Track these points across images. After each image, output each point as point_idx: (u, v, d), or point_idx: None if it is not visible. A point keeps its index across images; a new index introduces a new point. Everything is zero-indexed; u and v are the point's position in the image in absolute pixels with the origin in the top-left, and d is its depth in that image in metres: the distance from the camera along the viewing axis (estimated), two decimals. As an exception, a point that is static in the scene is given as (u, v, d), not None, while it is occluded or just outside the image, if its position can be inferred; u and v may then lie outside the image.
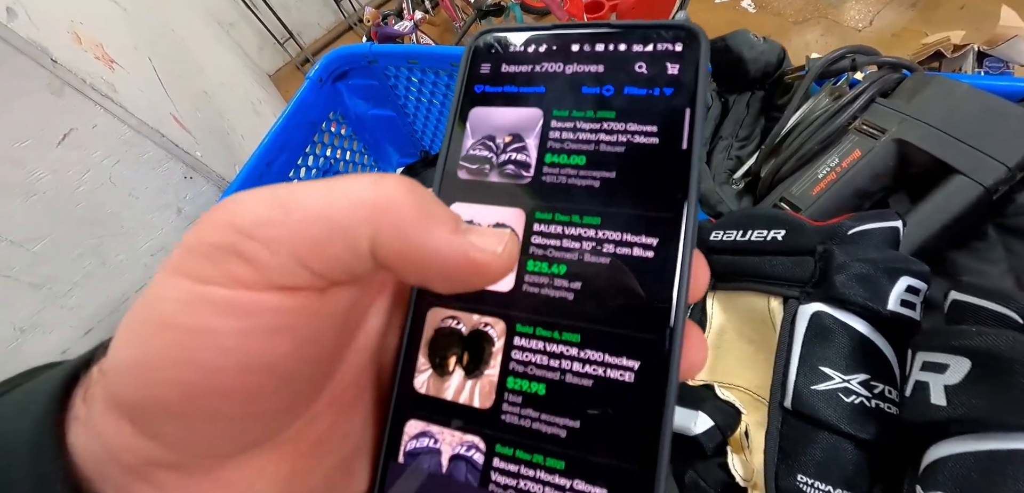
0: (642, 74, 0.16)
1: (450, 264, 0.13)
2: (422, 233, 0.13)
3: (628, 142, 0.16)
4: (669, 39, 0.16)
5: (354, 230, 0.13)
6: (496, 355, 0.16)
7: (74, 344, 0.71)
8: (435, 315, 0.17)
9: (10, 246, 0.60)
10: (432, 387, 0.16)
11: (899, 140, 0.39)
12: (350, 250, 0.13)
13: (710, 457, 0.33)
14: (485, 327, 0.16)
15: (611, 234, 0.15)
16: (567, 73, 0.17)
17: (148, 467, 0.13)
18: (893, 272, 0.29)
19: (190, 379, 0.12)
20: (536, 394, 0.15)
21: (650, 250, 0.15)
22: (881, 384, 0.29)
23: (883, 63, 0.41)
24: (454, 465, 0.16)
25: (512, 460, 0.15)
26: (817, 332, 0.30)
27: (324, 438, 0.16)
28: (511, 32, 0.18)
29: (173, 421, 0.12)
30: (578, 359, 0.15)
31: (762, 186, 0.44)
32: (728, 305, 0.36)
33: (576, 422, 0.15)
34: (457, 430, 0.16)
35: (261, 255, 0.12)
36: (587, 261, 0.15)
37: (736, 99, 0.48)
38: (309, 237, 0.12)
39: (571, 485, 0.14)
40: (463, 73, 0.18)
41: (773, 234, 0.32)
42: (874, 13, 1.25)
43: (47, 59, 0.53)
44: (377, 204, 0.13)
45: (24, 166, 0.56)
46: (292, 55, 1.72)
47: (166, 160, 0.67)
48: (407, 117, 0.81)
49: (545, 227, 0.16)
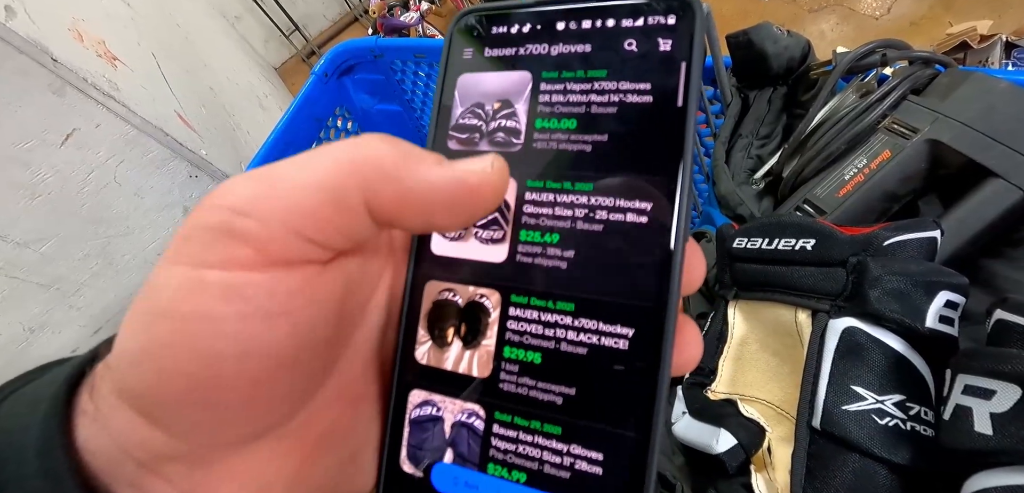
0: (632, 50, 0.16)
1: (448, 193, 0.13)
2: (413, 172, 0.13)
3: (620, 103, 0.16)
4: (662, 11, 0.15)
5: (343, 187, 0.13)
6: (492, 325, 0.16)
7: (83, 343, 0.71)
8: (432, 288, 0.17)
9: (17, 247, 0.59)
10: (432, 358, 0.17)
11: (932, 140, 0.37)
12: (342, 209, 0.13)
13: (732, 476, 0.32)
14: (480, 298, 0.16)
15: (604, 200, 0.15)
16: (556, 43, 0.17)
17: (158, 460, 0.13)
18: (931, 286, 0.27)
19: (192, 367, 0.12)
20: (532, 363, 0.15)
21: (644, 215, 0.15)
22: (917, 406, 0.27)
23: (915, 58, 0.39)
24: (456, 431, 0.16)
25: (511, 426, 0.15)
26: (849, 349, 0.28)
27: (332, 430, 0.16)
28: (495, 11, 0.18)
29: (179, 410, 0.12)
30: (572, 327, 0.15)
31: (784, 187, 0.43)
32: (752, 316, 0.34)
33: (571, 389, 0.15)
34: (458, 398, 0.16)
35: (254, 230, 0.12)
36: (580, 229, 0.15)
37: (757, 95, 0.46)
38: (299, 203, 0.12)
39: (568, 449, 0.15)
40: (445, 57, 0.18)
41: (802, 243, 0.30)
42: (892, 1, 1.21)
43: (48, 58, 0.52)
44: (362, 158, 0.13)
45: (29, 168, 0.56)
46: (298, 48, 1.70)
47: (171, 159, 0.66)
48: (413, 112, 0.79)
49: (537, 195, 0.16)
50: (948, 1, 1.14)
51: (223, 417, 0.13)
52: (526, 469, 0.15)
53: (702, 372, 0.36)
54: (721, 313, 0.36)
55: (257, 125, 1.06)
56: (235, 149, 0.85)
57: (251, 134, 0.98)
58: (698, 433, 0.32)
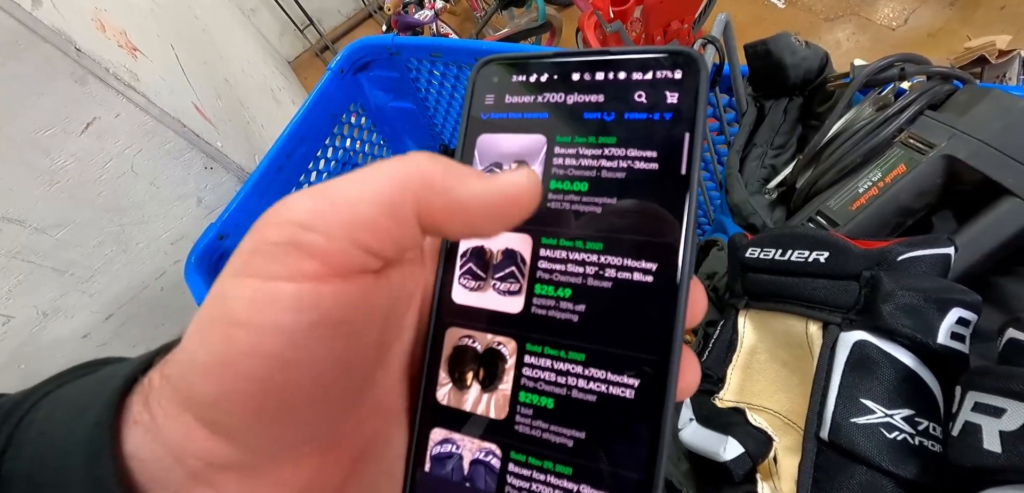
0: (642, 101, 0.17)
1: (491, 201, 0.15)
2: (460, 184, 0.14)
3: (628, 169, 0.17)
4: (668, 66, 0.17)
5: (397, 200, 0.14)
6: (509, 371, 0.17)
7: (95, 329, 0.72)
8: (453, 335, 0.18)
9: (35, 232, 0.60)
10: (453, 399, 0.18)
11: (948, 156, 0.36)
12: (398, 220, 0.14)
13: (738, 484, 0.32)
14: (498, 346, 0.18)
15: (613, 259, 0.16)
16: (569, 102, 0.18)
17: (212, 470, 0.14)
18: (944, 303, 0.27)
19: (266, 374, 0.13)
20: (545, 407, 0.17)
21: (650, 274, 0.16)
22: (926, 421, 0.27)
23: (933, 73, 0.39)
24: (474, 468, 0.17)
25: (525, 465, 0.17)
26: (859, 362, 0.28)
27: (372, 444, 0.17)
28: (513, 60, 0.19)
29: (248, 417, 0.13)
30: (583, 376, 0.16)
31: (797, 198, 0.43)
32: (762, 325, 0.35)
33: (581, 433, 0.16)
34: (476, 438, 0.17)
35: (320, 243, 0.13)
36: (590, 285, 0.17)
37: (773, 105, 0.46)
38: (360, 216, 0.13)
39: (578, 489, 0.16)
40: (468, 101, 0.19)
41: (816, 256, 0.30)
42: (909, 11, 1.20)
43: (71, 48, 0.53)
44: (413, 174, 0.14)
45: (49, 154, 0.56)
46: (311, 42, 1.72)
47: (187, 150, 0.67)
48: (427, 110, 0.80)
49: (550, 252, 0.17)
50: (965, 15, 1.13)
51: (285, 424, 0.14)
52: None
53: (710, 379, 0.36)
54: (731, 322, 0.36)
55: (271, 118, 1.07)
56: (249, 142, 0.86)
57: (265, 127, 0.99)
58: (705, 440, 0.32)
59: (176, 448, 0.13)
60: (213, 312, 0.13)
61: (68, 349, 0.71)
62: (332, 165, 0.74)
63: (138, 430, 0.13)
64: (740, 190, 0.44)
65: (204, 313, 0.13)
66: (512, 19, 1.37)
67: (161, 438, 0.13)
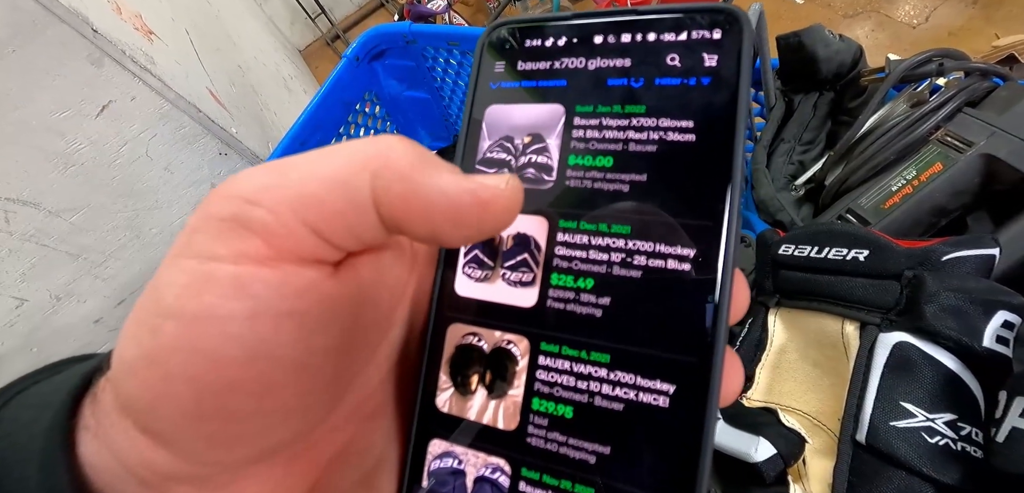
0: (675, 65, 0.15)
1: (456, 203, 0.13)
2: (423, 175, 0.12)
3: (661, 140, 0.14)
4: (706, 25, 0.14)
5: (352, 181, 0.12)
6: (520, 374, 0.15)
7: (107, 313, 0.72)
8: (455, 332, 0.16)
9: (49, 215, 0.60)
10: (454, 406, 0.15)
11: (987, 155, 0.35)
12: (352, 204, 0.12)
13: (769, 486, 0.31)
14: (507, 345, 0.15)
15: (643, 245, 0.14)
16: (591, 67, 0.16)
17: (164, 481, 0.12)
18: (990, 305, 0.26)
19: (199, 371, 0.11)
20: (563, 417, 0.14)
21: (686, 262, 0.14)
22: (969, 426, 0.26)
23: (972, 70, 0.38)
24: (479, 488, 0.15)
25: (539, 485, 0.14)
26: (899, 364, 0.28)
27: (346, 450, 0.15)
28: (528, 23, 0.17)
29: (184, 423, 0.12)
30: (608, 381, 0.14)
31: (826, 195, 0.42)
32: (793, 324, 0.34)
33: (606, 448, 0.14)
34: (481, 451, 0.15)
35: (265, 220, 0.12)
36: (616, 274, 0.14)
37: (802, 99, 0.45)
38: (309, 194, 0.12)
39: None
40: (476, 69, 0.17)
41: (854, 254, 0.29)
42: (930, 9, 1.18)
43: (88, 29, 0.52)
44: (375, 154, 0.12)
45: (64, 137, 0.56)
46: (322, 31, 1.71)
47: (202, 135, 0.66)
48: (442, 100, 0.79)
49: (570, 236, 0.15)
50: (989, 13, 1.11)
51: (231, 431, 0.12)
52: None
53: (738, 378, 0.36)
54: (760, 320, 0.36)
55: (283, 106, 1.07)
56: (263, 128, 0.85)
57: (278, 115, 0.98)
58: (735, 440, 0.32)
59: (121, 457, 0.12)
60: (144, 302, 0.12)
61: (80, 333, 0.71)
62: (346, 154, 0.73)
63: (88, 436, 0.12)
64: (767, 186, 0.43)
65: (139, 303, 0.12)
66: (526, 10, 1.36)
67: (108, 445, 0.12)
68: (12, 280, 0.61)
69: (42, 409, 0.13)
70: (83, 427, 0.12)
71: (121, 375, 0.12)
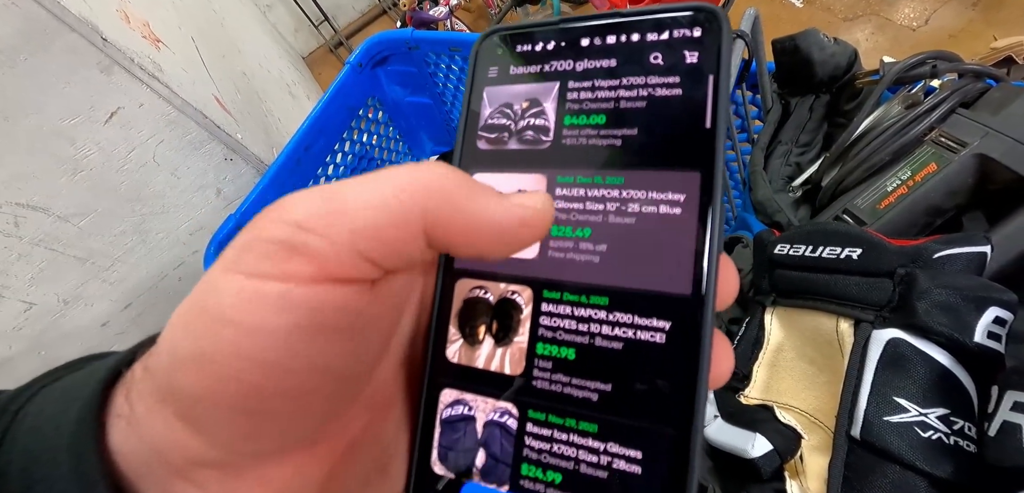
0: (658, 63, 0.16)
1: (503, 225, 0.14)
2: (473, 203, 0.14)
3: (649, 122, 0.16)
4: (687, 24, 0.16)
5: (407, 211, 0.13)
6: (524, 322, 0.16)
7: (114, 317, 0.73)
8: (463, 286, 0.17)
9: (58, 220, 0.61)
10: (464, 356, 0.16)
11: (981, 155, 0.36)
12: (405, 231, 0.13)
13: (766, 481, 0.32)
14: (512, 295, 0.16)
15: (636, 193, 0.15)
16: (579, 69, 0.17)
17: (193, 466, 0.13)
18: (982, 302, 0.27)
19: (251, 376, 0.12)
20: (566, 359, 0.15)
21: (677, 206, 0.15)
22: (961, 420, 0.27)
23: (966, 71, 0.39)
24: (488, 431, 0.16)
25: (545, 425, 0.15)
26: (892, 360, 0.28)
27: (360, 439, 0.16)
28: (519, 30, 0.18)
29: (225, 416, 0.13)
30: (607, 322, 0.15)
31: (823, 196, 0.42)
32: (789, 323, 0.34)
33: (607, 385, 0.15)
34: (490, 397, 0.16)
35: (318, 246, 0.12)
36: (612, 222, 0.15)
37: (799, 102, 0.45)
38: (366, 222, 0.13)
39: (605, 448, 0.14)
40: (470, 77, 0.18)
41: (848, 252, 0.30)
42: (930, 12, 1.19)
43: (98, 37, 0.53)
44: (426, 185, 0.13)
45: (73, 143, 0.57)
46: (326, 38, 1.72)
47: (208, 141, 0.67)
48: (444, 105, 0.80)
49: (568, 190, 0.16)
50: (989, 15, 1.12)
51: (265, 427, 0.13)
52: (561, 469, 0.15)
53: (736, 377, 0.36)
54: (757, 319, 0.36)
55: (287, 112, 1.08)
56: (267, 134, 0.86)
57: (282, 121, 0.99)
58: (732, 437, 0.32)
59: (156, 443, 0.13)
60: (200, 305, 0.13)
61: (87, 337, 0.71)
62: (349, 159, 0.74)
63: (121, 424, 0.13)
64: (764, 188, 0.43)
65: (189, 306, 0.13)
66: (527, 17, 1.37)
67: (141, 432, 0.13)
68: (21, 284, 0.62)
69: (68, 401, 0.13)
70: (115, 415, 0.13)
71: (171, 367, 0.13)
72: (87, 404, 0.13)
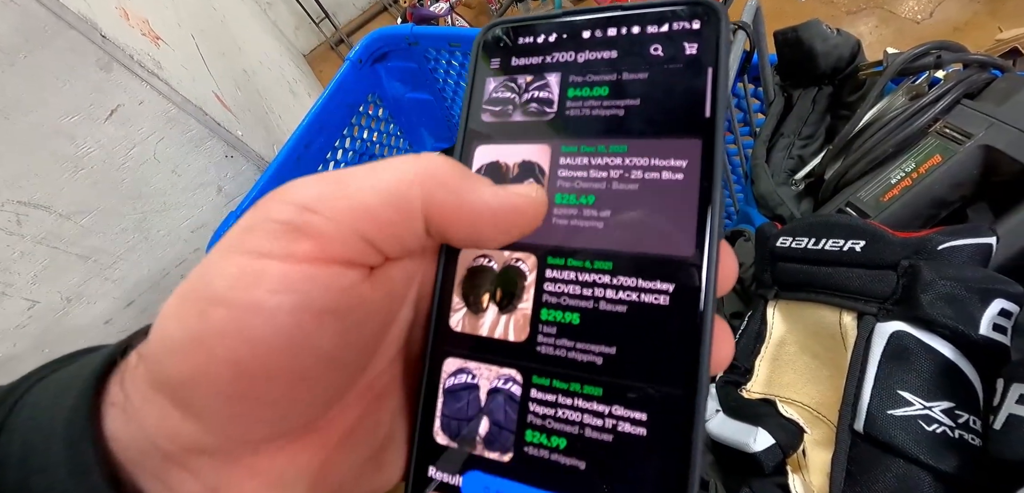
0: (658, 55, 0.16)
1: (499, 212, 0.15)
2: (470, 189, 0.14)
3: (647, 121, 0.16)
4: (686, 16, 0.16)
5: (406, 196, 0.14)
6: (529, 288, 0.16)
7: (116, 315, 0.73)
8: (467, 255, 0.17)
9: (60, 218, 0.61)
10: (467, 325, 0.16)
11: (986, 146, 0.36)
12: (404, 216, 0.14)
13: (768, 475, 0.31)
14: (516, 262, 0.16)
15: (639, 160, 0.16)
16: (580, 61, 0.17)
17: (186, 453, 0.13)
18: (987, 293, 0.27)
19: (243, 356, 0.12)
20: (570, 324, 0.15)
21: (680, 172, 0.15)
22: (966, 414, 0.27)
23: (970, 62, 0.38)
24: (492, 398, 0.16)
25: (549, 390, 0.15)
26: (896, 353, 0.28)
27: (355, 428, 0.16)
28: (521, 23, 0.18)
29: (219, 401, 0.13)
30: (611, 286, 0.15)
31: (826, 189, 0.42)
32: (792, 316, 0.34)
33: (612, 349, 0.15)
34: (494, 364, 0.16)
35: (322, 226, 0.13)
36: (615, 189, 0.16)
37: (801, 94, 0.45)
38: (367, 206, 0.13)
39: (610, 411, 0.14)
40: (472, 69, 0.18)
41: (851, 244, 0.30)
42: (935, 4, 1.18)
43: (97, 35, 0.53)
44: (424, 172, 0.14)
45: (74, 141, 0.57)
46: (327, 35, 1.72)
47: (208, 138, 0.67)
48: (444, 101, 0.80)
49: (571, 159, 0.16)
50: (994, 7, 1.11)
51: (260, 412, 0.13)
52: (566, 434, 0.15)
53: (737, 371, 0.36)
54: (759, 313, 0.36)
55: (288, 109, 1.08)
56: (268, 131, 0.86)
57: (282, 118, 0.99)
58: (734, 431, 0.32)
59: (151, 430, 0.13)
60: (192, 288, 0.13)
61: (90, 335, 0.72)
62: (350, 155, 0.74)
63: (115, 412, 0.13)
64: (767, 181, 0.43)
65: (183, 289, 0.13)
66: (528, 12, 1.37)
67: (136, 419, 0.13)
68: (24, 282, 0.62)
69: (63, 393, 0.13)
70: (109, 403, 0.13)
71: (162, 352, 0.13)
72: (82, 393, 0.13)
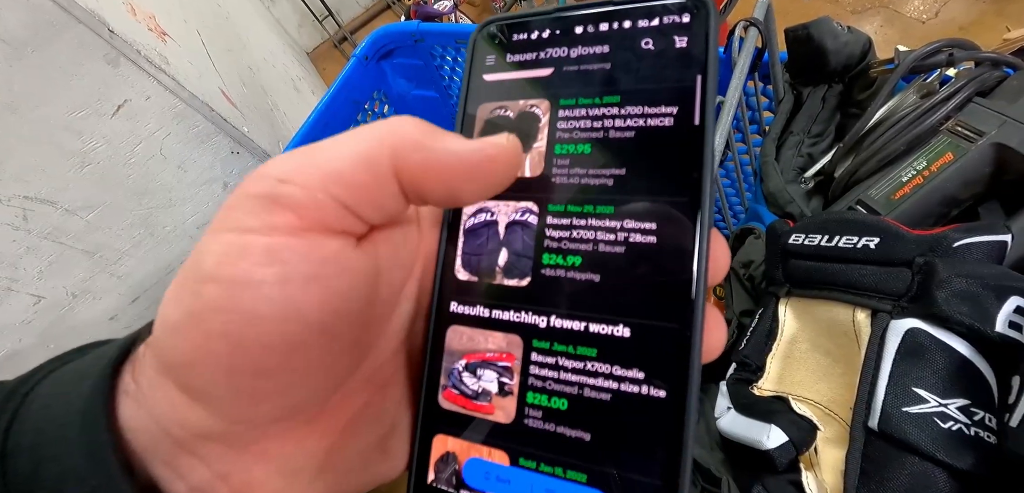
0: (649, 49, 0.17)
1: (468, 162, 0.15)
2: (436, 142, 0.14)
3: (638, 123, 0.16)
4: (676, 10, 0.16)
5: (376, 157, 0.14)
6: (543, 129, 0.17)
7: (122, 311, 0.73)
8: (469, 212, 0.18)
9: (66, 214, 0.61)
10: (472, 294, 0.17)
11: (998, 144, 0.35)
12: (375, 178, 0.14)
13: (781, 473, 0.31)
14: (522, 215, 0.17)
15: (634, 109, 0.16)
16: (573, 55, 0.18)
17: (196, 440, 0.13)
18: (1003, 290, 0.26)
19: (236, 329, 0.12)
20: (573, 265, 0.16)
21: (669, 118, 0.16)
22: (982, 411, 0.26)
23: (983, 59, 0.38)
24: (511, 230, 0.17)
25: (564, 214, 0.16)
26: (911, 350, 0.28)
27: (361, 415, 0.16)
28: (514, 20, 0.19)
29: (221, 376, 0.13)
30: (610, 229, 0.16)
31: (836, 187, 0.42)
32: (804, 313, 0.34)
33: (611, 289, 0.16)
34: (511, 200, 0.17)
35: (297, 195, 0.13)
36: (611, 137, 0.16)
37: (811, 92, 0.45)
38: (338, 171, 0.13)
39: (610, 370, 0.15)
40: (468, 65, 0.19)
41: (865, 241, 0.30)
42: (940, 4, 1.17)
43: (105, 30, 0.53)
44: (393, 132, 0.14)
45: (81, 136, 0.57)
46: (330, 33, 1.72)
47: (215, 134, 0.67)
48: (449, 98, 0.80)
49: (569, 112, 0.17)
50: (1000, 6, 1.10)
51: (260, 386, 0.13)
52: (566, 395, 0.16)
53: (749, 368, 0.36)
54: (771, 310, 0.36)
55: (292, 106, 1.08)
56: (273, 128, 0.86)
57: (287, 115, 0.99)
58: (746, 428, 0.32)
59: (160, 418, 0.13)
60: (186, 270, 0.13)
61: (95, 331, 0.71)
62: (356, 152, 0.74)
63: (128, 400, 0.14)
64: (776, 178, 0.43)
65: (180, 274, 0.13)
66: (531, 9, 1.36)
67: (146, 407, 0.13)
68: (30, 277, 0.62)
69: (78, 382, 0.14)
70: (123, 392, 0.14)
71: (164, 335, 0.13)
72: (98, 381, 0.13)
